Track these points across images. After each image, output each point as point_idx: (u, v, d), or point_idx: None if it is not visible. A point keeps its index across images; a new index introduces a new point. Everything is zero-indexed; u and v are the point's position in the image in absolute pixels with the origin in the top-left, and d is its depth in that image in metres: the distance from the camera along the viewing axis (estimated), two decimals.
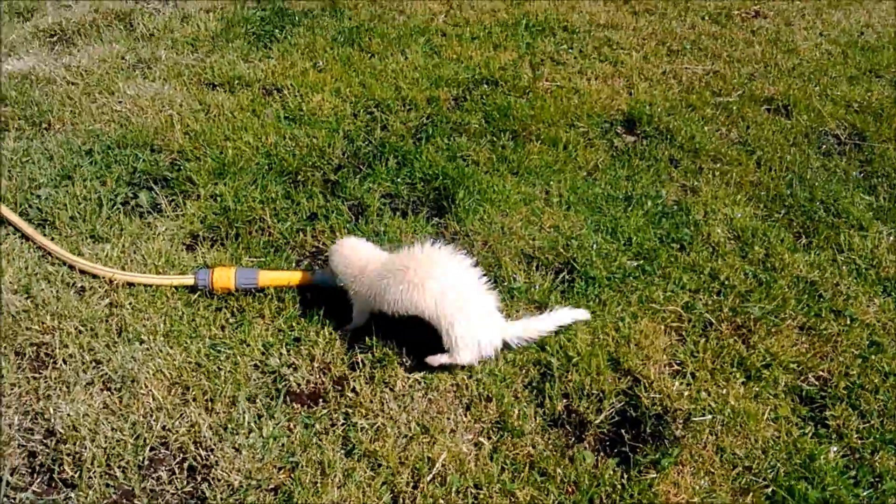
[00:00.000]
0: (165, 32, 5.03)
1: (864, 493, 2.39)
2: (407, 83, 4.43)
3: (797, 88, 4.58)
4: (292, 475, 2.34)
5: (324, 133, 3.94)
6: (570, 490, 2.34)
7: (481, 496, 2.31)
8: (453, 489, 2.31)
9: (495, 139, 4.01)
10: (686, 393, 2.64)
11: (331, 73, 4.50)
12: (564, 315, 2.79)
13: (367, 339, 2.80)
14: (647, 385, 2.66)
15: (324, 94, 4.28)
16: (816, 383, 2.75)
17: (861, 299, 3.10)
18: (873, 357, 2.84)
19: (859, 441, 2.56)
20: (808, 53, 5.07)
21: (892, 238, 3.43)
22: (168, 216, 3.42)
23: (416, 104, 4.26)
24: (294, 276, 2.99)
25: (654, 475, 2.36)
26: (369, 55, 4.78)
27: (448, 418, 2.54)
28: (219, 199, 3.50)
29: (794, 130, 4.20)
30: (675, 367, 2.77)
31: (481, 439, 2.49)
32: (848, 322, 2.99)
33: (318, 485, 2.30)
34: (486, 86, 4.49)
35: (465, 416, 2.56)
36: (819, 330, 2.94)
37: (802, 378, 2.76)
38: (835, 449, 2.52)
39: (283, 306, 2.93)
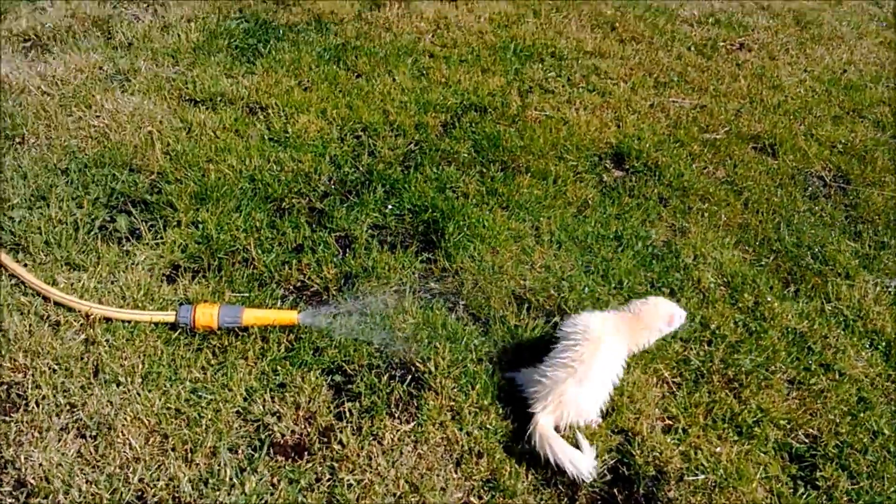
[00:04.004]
0: (145, 42, 4.85)
1: None
2: (395, 107, 4.34)
3: (783, 127, 4.58)
4: None
5: (310, 157, 3.84)
6: None
7: None
8: None
9: (484, 170, 3.94)
10: (678, 449, 2.61)
11: (316, 93, 4.38)
12: None
13: (353, 386, 2.72)
14: (639, 442, 2.62)
15: (309, 115, 4.16)
16: (806, 441, 2.74)
17: (849, 352, 3.10)
18: (862, 415, 2.84)
19: None
20: (792, 90, 5.09)
21: (878, 288, 3.44)
22: (147, 244, 3.27)
23: (405, 130, 4.17)
24: (280, 316, 2.89)
25: None
26: (356, 75, 4.67)
27: (438, 475, 2.47)
28: (200, 226, 3.37)
29: (781, 171, 4.20)
30: (668, 421, 2.73)
31: (472, 499, 2.42)
32: (836, 377, 2.99)
33: None
34: (474, 112, 4.42)
35: (456, 472, 2.49)
36: (808, 384, 2.93)
37: (792, 435, 2.75)
38: None
39: (268, 347, 2.82)
